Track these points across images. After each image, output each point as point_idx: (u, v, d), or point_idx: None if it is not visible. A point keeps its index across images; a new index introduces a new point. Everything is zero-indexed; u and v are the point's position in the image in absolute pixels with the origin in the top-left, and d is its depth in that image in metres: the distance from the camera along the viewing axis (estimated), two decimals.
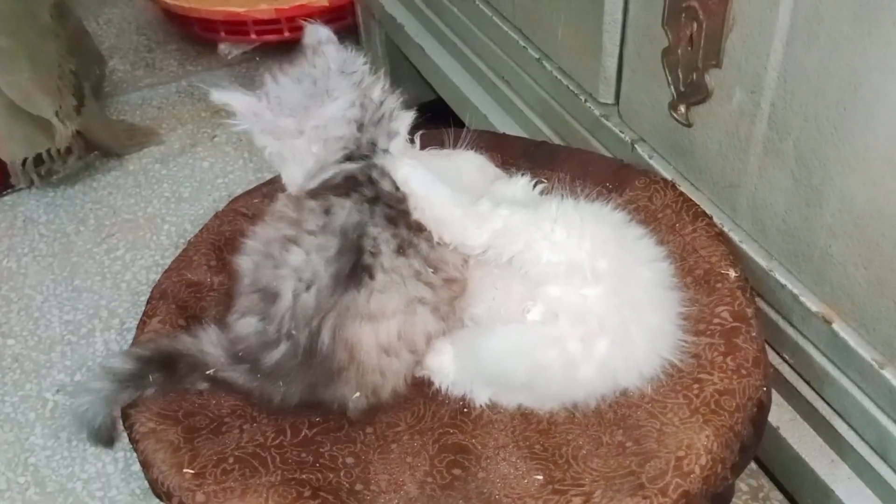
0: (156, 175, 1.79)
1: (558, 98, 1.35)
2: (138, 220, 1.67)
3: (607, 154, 1.27)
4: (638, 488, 0.85)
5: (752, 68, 0.98)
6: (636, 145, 1.22)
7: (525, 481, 0.90)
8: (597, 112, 1.27)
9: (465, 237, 0.95)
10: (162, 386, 0.96)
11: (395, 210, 0.94)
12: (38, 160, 1.68)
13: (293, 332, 0.91)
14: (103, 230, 1.65)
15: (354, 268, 0.90)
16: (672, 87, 1.12)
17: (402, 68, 1.87)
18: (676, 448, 0.88)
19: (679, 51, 1.08)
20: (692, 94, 1.09)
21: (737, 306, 0.99)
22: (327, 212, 0.93)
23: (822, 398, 1.04)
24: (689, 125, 1.12)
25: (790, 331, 1.06)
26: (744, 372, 0.94)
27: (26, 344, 1.44)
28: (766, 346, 1.04)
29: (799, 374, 1.07)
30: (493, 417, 0.97)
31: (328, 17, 2.06)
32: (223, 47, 2.14)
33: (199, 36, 2.15)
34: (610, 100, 1.26)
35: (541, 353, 0.93)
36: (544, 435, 0.94)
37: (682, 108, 1.12)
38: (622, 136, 1.24)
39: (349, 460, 0.94)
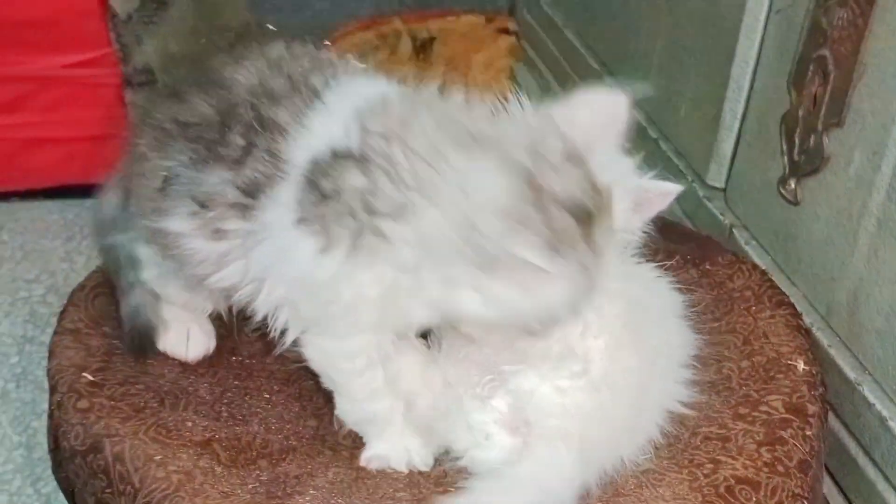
0: None
1: (663, 178, 1.20)
2: None
3: None
4: None
5: (878, 123, 0.81)
6: (734, 230, 1.05)
7: None
8: (700, 193, 1.11)
9: None
10: None
11: None
12: None
13: None
14: None
15: None
16: (786, 156, 0.96)
17: None
18: None
19: (800, 112, 0.93)
20: (806, 162, 0.92)
21: (795, 399, 0.77)
22: None
23: None
24: (796, 203, 0.94)
25: (869, 470, 0.81)
26: (780, 469, 0.70)
27: None
28: (837, 490, 0.80)
29: None
30: None
31: None
32: None
33: None
34: (719, 183, 1.11)
35: None
36: None
37: (792, 183, 0.95)
38: (721, 219, 1.07)
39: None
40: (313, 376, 0.86)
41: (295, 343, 0.76)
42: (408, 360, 0.74)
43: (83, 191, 1.70)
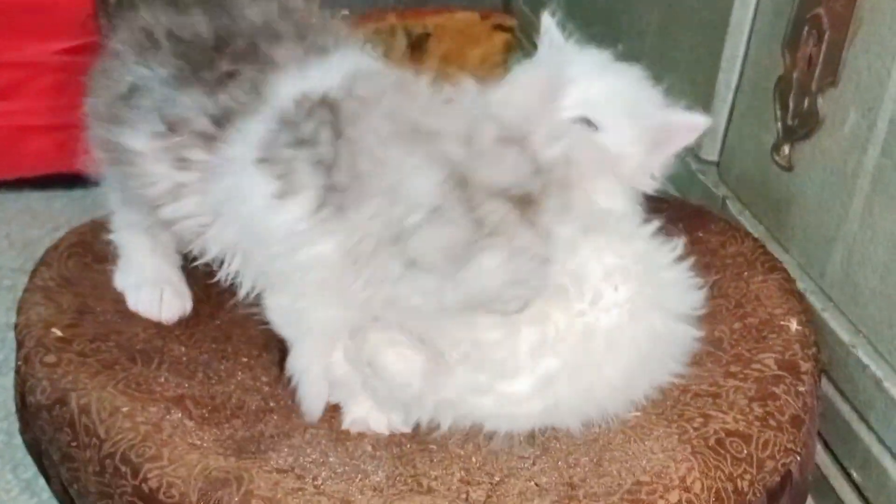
0: None
1: None
2: None
3: None
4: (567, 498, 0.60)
5: (874, 78, 0.79)
6: (728, 201, 1.02)
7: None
8: (693, 167, 1.09)
9: None
10: None
11: None
12: None
13: None
14: None
15: None
16: (780, 122, 0.93)
17: None
18: (641, 472, 0.62)
19: (794, 74, 0.90)
20: (801, 126, 0.90)
21: (788, 356, 0.74)
22: None
23: None
24: (790, 168, 0.92)
25: (863, 434, 0.78)
26: (773, 424, 0.68)
27: None
28: (830, 458, 0.78)
29: (866, 501, 0.77)
30: None
31: None
32: None
33: None
34: (713, 156, 1.09)
35: None
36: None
37: (786, 149, 0.92)
38: (715, 191, 1.04)
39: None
40: None
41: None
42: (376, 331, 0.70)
43: (71, 180, 1.69)
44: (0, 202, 1.64)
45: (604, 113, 0.77)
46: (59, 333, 0.74)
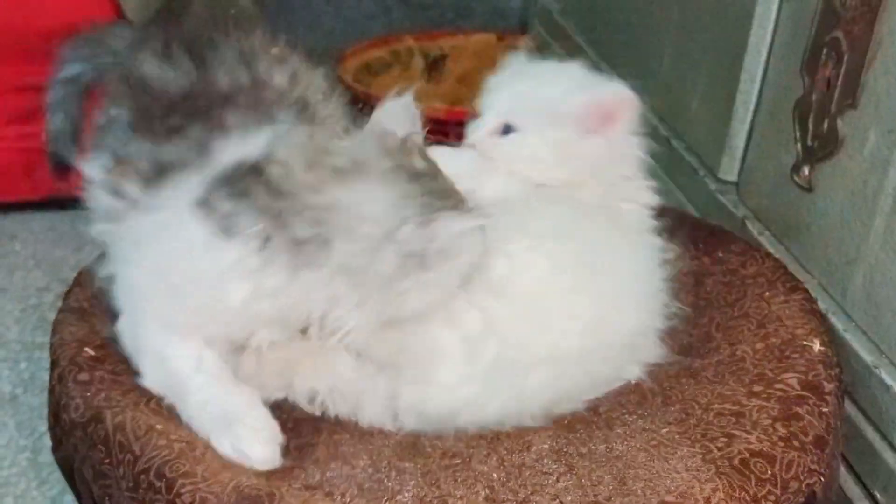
0: None
1: (674, 175, 1.19)
2: None
3: None
4: None
5: (893, 100, 0.80)
6: (747, 222, 1.03)
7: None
8: (712, 187, 1.10)
9: None
10: None
11: None
12: None
13: None
14: None
15: None
16: (799, 143, 0.94)
17: None
18: (665, 492, 0.63)
19: (813, 96, 0.92)
20: (820, 147, 0.91)
21: (811, 376, 0.75)
22: None
23: None
24: (810, 189, 0.93)
25: (887, 455, 0.78)
26: (796, 444, 0.68)
27: None
28: (854, 479, 0.78)
29: None
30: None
31: None
32: None
33: None
34: (732, 177, 1.10)
35: None
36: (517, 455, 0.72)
37: (806, 170, 0.93)
38: (734, 211, 1.05)
39: None
40: None
41: None
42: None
43: None
44: (25, 222, 1.67)
45: (519, 114, 0.82)
46: (91, 353, 0.76)
